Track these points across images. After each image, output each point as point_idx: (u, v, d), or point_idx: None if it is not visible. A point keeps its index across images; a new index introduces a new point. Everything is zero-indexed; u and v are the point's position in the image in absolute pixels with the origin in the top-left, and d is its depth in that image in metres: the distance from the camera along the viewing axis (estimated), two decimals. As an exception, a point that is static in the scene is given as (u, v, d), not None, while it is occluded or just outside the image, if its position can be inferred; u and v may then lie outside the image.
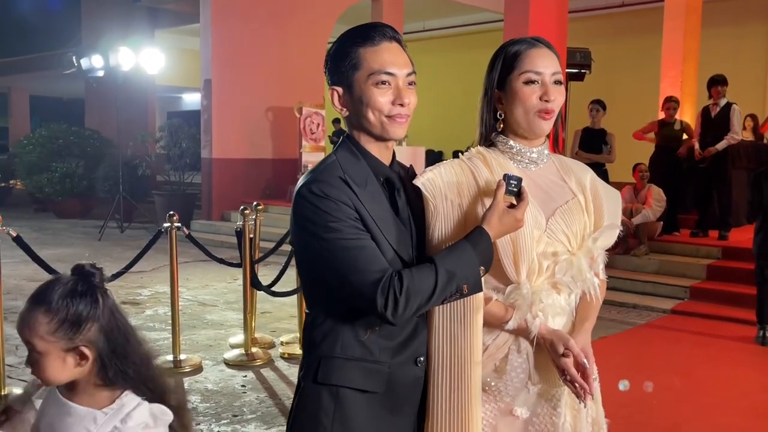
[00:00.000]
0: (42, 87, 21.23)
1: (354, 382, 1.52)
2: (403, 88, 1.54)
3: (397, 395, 1.57)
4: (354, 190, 1.49)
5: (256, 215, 5.35)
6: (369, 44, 1.52)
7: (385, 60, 1.52)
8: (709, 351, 5.32)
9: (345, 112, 1.58)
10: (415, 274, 1.45)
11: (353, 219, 1.47)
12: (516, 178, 1.56)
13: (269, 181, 11.64)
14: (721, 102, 7.53)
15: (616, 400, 3.91)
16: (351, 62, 1.53)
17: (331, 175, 1.50)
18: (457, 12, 14.59)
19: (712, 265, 6.99)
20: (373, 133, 1.56)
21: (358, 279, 1.44)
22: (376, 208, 1.52)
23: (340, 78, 1.55)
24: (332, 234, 1.45)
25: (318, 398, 1.53)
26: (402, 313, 1.44)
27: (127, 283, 6.98)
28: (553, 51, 1.72)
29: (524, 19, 7.53)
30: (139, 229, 10.92)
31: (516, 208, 1.56)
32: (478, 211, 1.61)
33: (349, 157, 1.56)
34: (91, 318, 1.42)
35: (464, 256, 1.49)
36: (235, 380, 4.41)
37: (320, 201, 1.46)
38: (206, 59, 11.10)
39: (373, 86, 1.52)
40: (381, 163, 1.59)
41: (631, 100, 12.56)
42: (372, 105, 1.52)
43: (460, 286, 1.48)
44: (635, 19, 13.44)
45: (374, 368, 1.53)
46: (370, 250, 1.46)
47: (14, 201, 15.83)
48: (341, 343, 1.52)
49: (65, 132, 13.33)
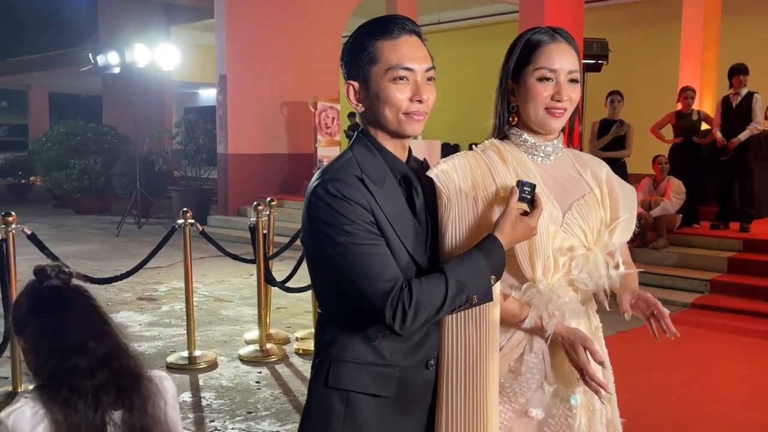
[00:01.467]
0: (61, 84, 21.42)
1: (365, 387, 1.49)
2: (421, 84, 1.49)
3: (408, 398, 1.54)
4: (371, 190, 1.45)
5: (269, 211, 5.34)
6: (388, 37, 1.48)
7: (403, 54, 1.47)
8: (730, 345, 5.23)
9: (360, 108, 1.53)
10: (425, 286, 1.42)
11: (368, 222, 1.43)
12: (530, 185, 1.52)
13: (285, 176, 11.64)
14: (742, 91, 7.39)
15: (634, 396, 3.86)
16: (368, 56, 1.48)
17: (347, 174, 1.46)
18: (472, 3, 14.49)
19: (733, 258, 6.88)
20: (389, 130, 1.52)
21: (368, 288, 1.40)
22: (393, 208, 1.48)
23: (356, 72, 1.51)
24: (346, 238, 1.41)
25: (328, 402, 1.50)
26: (410, 326, 1.41)
27: (144, 279, 7.01)
28: (573, 46, 1.66)
29: (540, 9, 7.43)
30: (156, 225, 10.97)
31: (530, 216, 1.52)
32: (492, 213, 1.57)
33: (365, 153, 1.51)
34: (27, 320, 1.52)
35: (475, 266, 1.45)
36: (250, 376, 4.40)
37: (336, 202, 1.42)
38: (221, 55, 11.12)
39: (391, 82, 1.47)
40: (398, 160, 1.55)
41: (649, 91, 12.39)
42: (389, 101, 1.48)
43: (470, 297, 1.45)
44: (653, 8, 13.23)
45: (386, 372, 1.50)
46: (383, 257, 1.43)
47: (34, 197, 16.00)
48: (352, 346, 1.49)
49: (83, 129, 13.44)
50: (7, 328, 3.86)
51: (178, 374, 4.41)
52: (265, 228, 5.05)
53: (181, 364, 4.54)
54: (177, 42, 13.86)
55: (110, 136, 13.55)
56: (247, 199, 10.73)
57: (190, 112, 17.62)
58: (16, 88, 24.04)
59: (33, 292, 1.49)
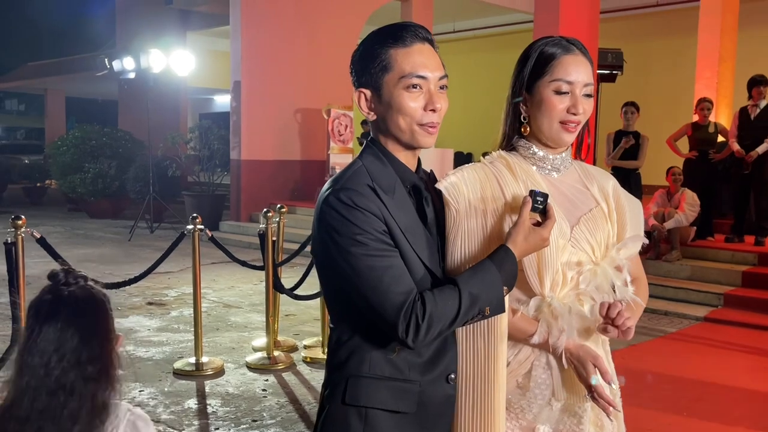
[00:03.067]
0: (78, 89, 21.62)
1: (384, 403, 1.45)
2: (434, 93, 1.47)
3: (429, 414, 1.50)
4: (382, 199, 1.42)
5: (279, 217, 5.33)
6: (400, 45, 1.45)
7: (417, 62, 1.45)
8: (743, 361, 5.15)
9: (372, 116, 1.50)
10: (438, 299, 1.39)
11: (381, 232, 1.40)
12: (542, 195, 1.49)
13: (297, 183, 11.66)
14: (761, 103, 7.32)
15: (642, 411, 3.80)
16: (381, 64, 1.45)
17: (359, 183, 1.43)
18: (487, 12, 14.48)
19: (748, 272, 6.79)
20: (401, 140, 1.49)
21: (381, 301, 1.37)
22: (405, 219, 1.45)
23: (368, 80, 1.48)
24: (358, 248, 1.38)
25: (346, 421, 1.45)
26: (423, 339, 1.38)
27: (155, 284, 7.03)
28: (588, 57, 1.64)
29: (555, 19, 7.41)
30: (168, 230, 11.02)
31: (542, 227, 1.49)
32: (502, 226, 1.55)
33: (375, 162, 1.49)
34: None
35: (488, 278, 1.43)
36: (257, 384, 4.39)
37: (349, 211, 1.39)
38: (236, 61, 11.17)
39: (404, 90, 1.44)
40: (408, 170, 1.52)
41: (664, 102, 12.33)
42: (403, 110, 1.45)
43: (483, 309, 1.42)
44: (669, 19, 13.17)
45: (405, 387, 1.46)
46: (396, 269, 1.39)
47: (49, 201, 16.15)
48: (369, 361, 1.45)
49: (98, 133, 13.54)
50: (15, 330, 3.87)
51: (185, 380, 4.40)
52: (275, 235, 5.05)
53: (187, 371, 4.53)
54: (192, 48, 13.97)
55: (125, 140, 13.64)
56: (259, 205, 10.75)
57: (205, 117, 17.71)
58: (33, 92, 24.31)
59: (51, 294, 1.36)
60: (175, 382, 4.39)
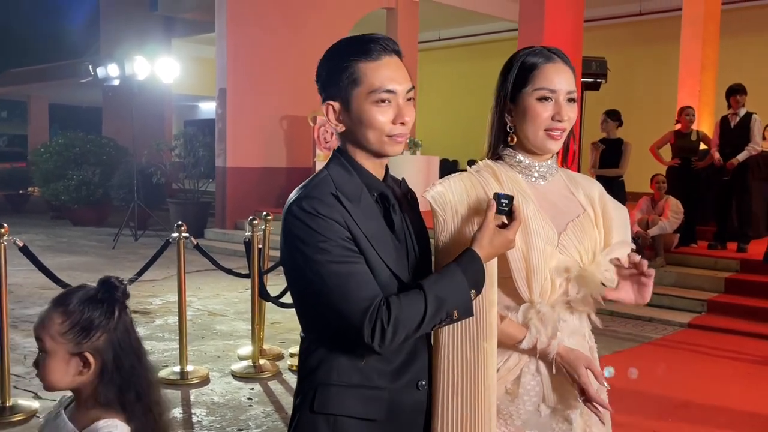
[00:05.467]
0: (61, 95, 21.43)
1: (353, 411, 1.45)
2: (403, 106, 1.48)
3: (399, 422, 1.51)
4: (346, 207, 1.43)
5: (265, 225, 5.32)
6: (369, 59, 1.46)
7: (385, 76, 1.46)
8: (727, 367, 5.19)
9: (341, 128, 1.51)
10: (403, 303, 1.39)
11: (344, 239, 1.41)
12: (507, 197, 1.51)
13: (283, 190, 11.62)
14: (740, 112, 7.40)
15: (628, 418, 3.81)
16: (350, 77, 1.46)
17: (322, 192, 1.44)
18: (472, 21, 14.57)
19: (731, 278, 6.86)
20: (370, 150, 1.51)
21: (345, 307, 1.38)
22: (371, 226, 1.46)
23: (336, 92, 1.49)
24: (322, 255, 1.39)
25: (315, 429, 1.46)
26: (389, 344, 1.38)
27: (139, 292, 6.98)
28: (570, 65, 1.67)
29: (539, 28, 7.46)
30: (153, 237, 10.94)
31: (508, 229, 1.51)
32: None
33: (341, 172, 1.50)
34: (102, 327, 1.44)
35: (454, 281, 1.43)
36: (242, 393, 4.36)
37: (311, 219, 1.40)
38: (221, 68, 11.15)
39: (373, 104, 1.45)
40: (375, 178, 1.53)
41: (648, 110, 12.44)
42: (372, 125, 1.46)
43: (450, 313, 1.43)
44: (652, 28, 13.32)
45: (373, 395, 1.47)
46: (360, 275, 1.40)
47: (32, 208, 15.98)
48: (338, 369, 1.45)
49: (82, 140, 13.43)
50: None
51: (170, 390, 4.36)
52: (260, 242, 5.03)
53: (172, 380, 4.50)
54: (177, 55, 13.92)
55: (109, 147, 13.54)
56: (244, 213, 10.70)
57: (190, 124, 17.64)
58: (16, 98, 24.05)
59: (104, 301, 1.47)
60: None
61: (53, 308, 1.44)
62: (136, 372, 1.46)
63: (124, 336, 1.46)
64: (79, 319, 1.41)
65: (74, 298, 1.44)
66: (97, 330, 1.42)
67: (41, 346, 1.43)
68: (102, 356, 1.43)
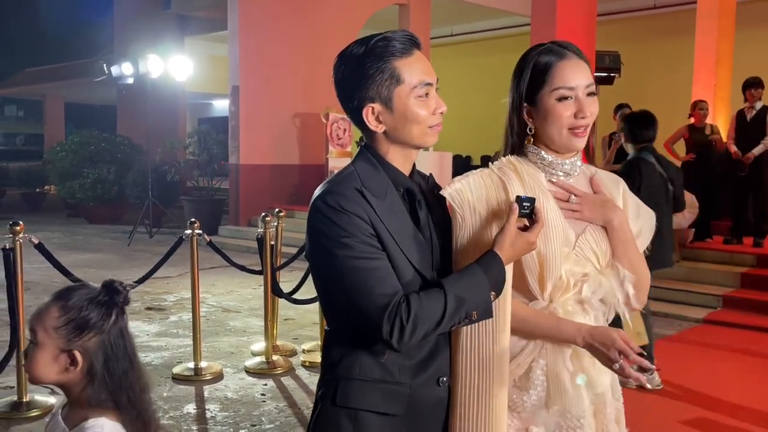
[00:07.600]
0: (76, 94, 21.60)
1: (374, 405, 1.46)
2: (438, 96, 1.52)
3: (420, 417, 1.51)
4: (371, 203, 1.44)
5: (278, 222, 5.33)
6: (404, 56, 1.47)
7: (422, 70, 1.49)
8: (742, 363, 5.15)
9: (381, 128, 1.50)
10: (423, 300, 1.39)
11: (367, 235, 1.41)
12: (529, 200, 1.49)
13: (296, 187, 11.66)
14: (756, 105, 7.33)
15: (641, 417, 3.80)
16: (390, 77, 1.46)
17: (347, 187, 1.45)
18: (484, 16, 14.51)
19: (746, 273, 6.80)
20: (412, 145, 1.53)
21: (365, 302, 1.38)
22: (395, 222, 1.46)
23: (375, 94, 1.47)
24: (343, 250, 1.39)
25: (336, 422, 1.47)
26: (407, 341, 1.39)
27: (154, 289, 7.02)
28: (583, 58, 1.63)
29: (551, 22, 7.41)
30: (167, 235, 11.00)
31: (529, 231, 1.50)
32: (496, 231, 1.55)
33: (367, 167, 1.50)
34: (97, 329, 1.44)
35: (475, 282, 1.43)
36: (255, 389, 4.38)
37: (334, 214, 1.41)
38: (234, 66, 11.18)
39: (417, 99, 1.48)
40: (401, 174, 1.54)
41: (662, 104, 12.27)
42: (418, 119, 1.49)
43: (470, 313, 1.43)
44: (667, 22, 13.20)
45: (395, 390, 1.47)
46: (382, 270, 1.40)
47: (48, 206, 16.13)
48: (360, 363, 1.46)
49: (97, 138, 13.53)
50: (13, 336, 3.87)
51: (184, 385, 4.40)
52: (273, 239, 5.05)
53: (186, 375, 4.53)
54: (191, 53, 13.97)
55: (124, 146, 13.63)
56: (257, 210, 10.72)
57: (204, 122, 17.71)
58: (32, 98, 24.30)
59: (104, 303, 1.47)
60: (174, 387, 4.39)
61: (53, 302, 1.45)
62: (128, 377, 1.46)
63: (117, 340, 1.46)
64: (75, 317, 1.42)
65: (75, 296, 1.45)
66: (90, 330, 1.43)
67: (33, 337, 1.44)
68: (90, 357, 1.43)
